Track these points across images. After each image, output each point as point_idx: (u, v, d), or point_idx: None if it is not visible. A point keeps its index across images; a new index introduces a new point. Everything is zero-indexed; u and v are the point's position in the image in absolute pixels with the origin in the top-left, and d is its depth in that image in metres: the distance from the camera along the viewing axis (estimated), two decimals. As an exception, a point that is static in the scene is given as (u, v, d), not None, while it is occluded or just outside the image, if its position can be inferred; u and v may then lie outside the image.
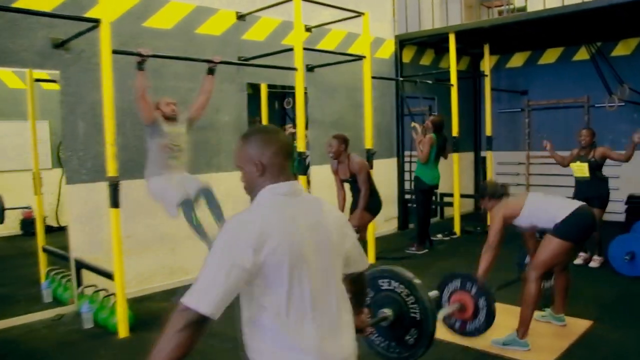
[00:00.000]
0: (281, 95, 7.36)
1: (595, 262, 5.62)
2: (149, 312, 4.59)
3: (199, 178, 4.71)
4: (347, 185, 5.48)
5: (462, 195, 8.40)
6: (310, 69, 6.57)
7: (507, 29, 7.25)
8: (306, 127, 7.15)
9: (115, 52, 4.08)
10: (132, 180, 4.83)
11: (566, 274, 3.97)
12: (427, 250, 6.47)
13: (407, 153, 8.02)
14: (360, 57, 6.04)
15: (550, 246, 3.55)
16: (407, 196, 8.03)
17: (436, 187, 6.60)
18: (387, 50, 7.71)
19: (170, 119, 4.49)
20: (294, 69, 5.25)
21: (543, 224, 3.63)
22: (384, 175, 7.63)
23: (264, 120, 6.70)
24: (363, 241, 5.04)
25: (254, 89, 6.72)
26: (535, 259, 3.65)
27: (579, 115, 8.34)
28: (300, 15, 5.22)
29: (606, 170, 5.62)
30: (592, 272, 5.50)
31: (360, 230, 5.15)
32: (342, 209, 5.22)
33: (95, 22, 4.05)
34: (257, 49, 5.86)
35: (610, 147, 5.65)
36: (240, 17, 5.88)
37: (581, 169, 5.52)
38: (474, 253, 4.05)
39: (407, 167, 8.24)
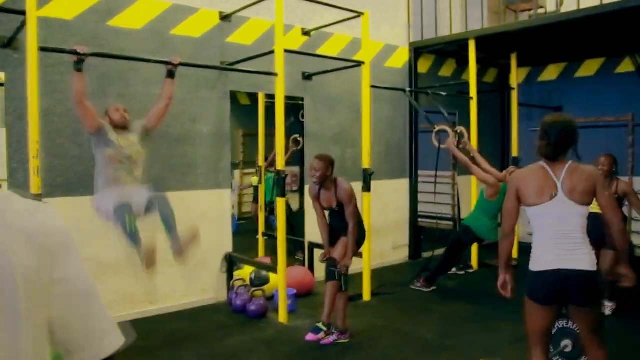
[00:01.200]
0: (296, 107, 6.66)
1: (606, 309, 4.59)
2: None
3: (158, 194, 4.02)
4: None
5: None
6: (307, 76, 5.87)
7: (536, 35, 6.38)
8: (298, 143, 6.52)
9: (43, 49, 3.50)
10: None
11: (599, 350, 2.68)
12: (434, 288, 5.60)
13: (423, 172, 7.19)
14: (358, 64, 5.29)
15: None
16: (421, 220, 7.19)
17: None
18: (400, 59, 6.94)
19: (121, 127, 3.88)
20: (274, 74, 4.55)
21: None
22: (394, 197, 6.84)
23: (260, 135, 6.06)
24: (346, 276, 4.22)
25: (253, 99, 6.10)
26: None
27: (622, 136, 7.33)
28: (282, 12, 4.52)
29: None
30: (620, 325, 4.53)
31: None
32: (327, 246, 4.37)
33: (22, 15, 3.46)
34: (243, 53, 5.20)
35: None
36: (225, 17, 5.24)
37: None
38: (489, 294, 3.21)
39: (422, 187, 7.42)
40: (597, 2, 5.38)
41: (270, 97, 6.07)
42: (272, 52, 4.65)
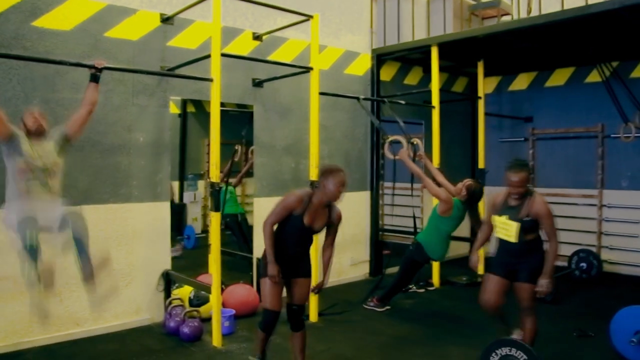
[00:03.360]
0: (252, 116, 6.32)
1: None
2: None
3: (73, 209, 3.68)
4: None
5: (455, 238, 7.21)
6: (257, 83, 5.58)
7: (502, 43, 6.14)
8: (246, 154, 6.22)
9: None
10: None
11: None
12: (388, 307, 5.29)
13: (388, 184, 6.92)
14: (307, 69, 5.00)
15: None
16: (385, 234, 6.90)
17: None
18: (362, 66, 6.66)
19: (36, 134, 3.55)
20: (209, 79, 4.25)
21: None
22: (354, 210, 6.53)
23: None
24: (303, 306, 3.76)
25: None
26: None
27: (592, 147, 7.10)
28: (219, 13, 4.23)
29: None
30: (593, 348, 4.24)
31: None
32: (275, 263, 3.36)
33: None
34: (187, 58, 4.89)
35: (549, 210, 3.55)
36: (166, 19, 4.94)
37: (507, 229, 3.60)
38: (445, 314, 3.07)
39: (387, 200, 7.15)
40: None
41: (230, 104, 5.82)
42: (208, 56, 4.35)
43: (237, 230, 6.69)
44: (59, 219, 3.49)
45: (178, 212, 7.47)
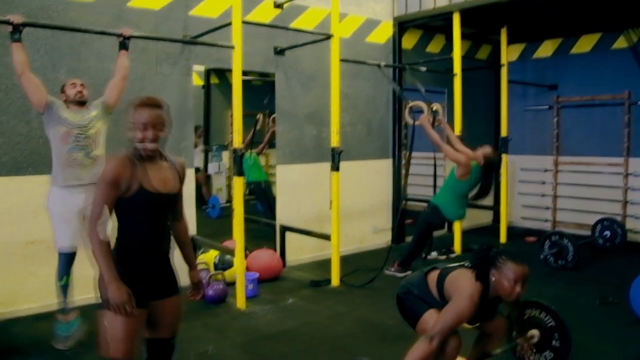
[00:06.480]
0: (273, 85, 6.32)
1: None
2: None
3: None
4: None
5: (477, 206, 7.22)
6: (279, 51, 5.60)
7: (525, 8, 6.02)
8: (268, 123, 6.26)
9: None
10: (39, 176, 4.13)
11: None
12: (409, 272, 5.35)
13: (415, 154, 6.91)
14: (327, 37, 5.01)
15: None
16: (407, 203, 6.92)
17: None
18: (384, 34, 6.62)
19: (77, 103, 3.68)
20: (231, 46, 4.30)
21: None
22: (376, 179, 6.58)
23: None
24: None
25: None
26: None
27: (618, 114, 6.98)
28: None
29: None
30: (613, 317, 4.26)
31: None
32: (116, 279, 2.16)
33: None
34: (208, 27, 4.93)
35: None
36: (188, -12, 4.98)
37: None
38: None
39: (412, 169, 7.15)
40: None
41: (256, 73, 5.87)
42: (229, 24, 4.39)
43: (262, 196, 6.80)
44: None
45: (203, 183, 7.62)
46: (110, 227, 2.21)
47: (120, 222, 2.29)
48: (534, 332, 3.16)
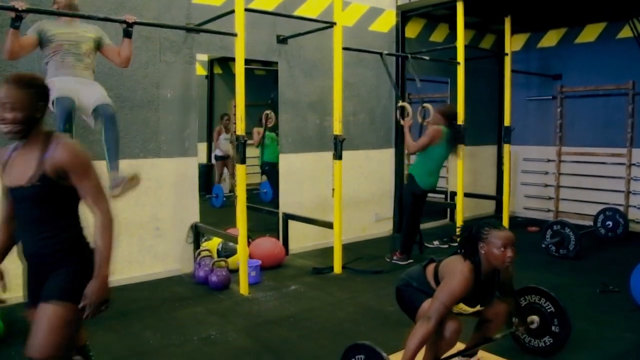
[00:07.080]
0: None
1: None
2: None
3: (105, 95, 3.81)
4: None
5: (479, 196, 7.25)
6: (282, 40, 5.60)
7: (529, -2, 6.00)
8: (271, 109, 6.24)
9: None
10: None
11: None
12: (411, 261, 5.38)
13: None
14: (330, 24, 5.01)
15: None
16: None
17: (430, 191, 5.53)
18: (387, 22, 6.61)
19: (67, 8, 3.77)
20: (233, 34, 4.30)
21: None
22: (379, 168, 6.60)
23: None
24: None
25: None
26: None
27: (622, 105, 6.96)
28: (242, -33, 4.25)
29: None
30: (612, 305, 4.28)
31: None
32: None
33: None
34: (211, 14, 4.93)
35: None
36: (191, -24, 4.98)
37: None
38: None
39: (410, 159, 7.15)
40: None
41: (259, 62, 5.85)
42: (232, 12, 4.39)
43: (275, 179, 6.78)
44: (95, 103, 3.66)
45: (206, 173, 7.63)
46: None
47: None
48: (534, 318, 3.19)
